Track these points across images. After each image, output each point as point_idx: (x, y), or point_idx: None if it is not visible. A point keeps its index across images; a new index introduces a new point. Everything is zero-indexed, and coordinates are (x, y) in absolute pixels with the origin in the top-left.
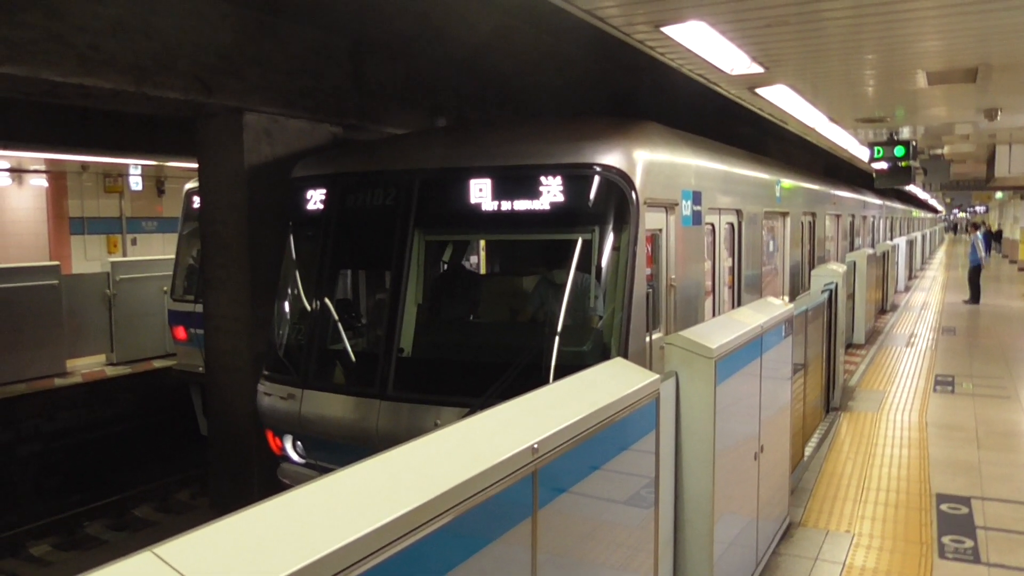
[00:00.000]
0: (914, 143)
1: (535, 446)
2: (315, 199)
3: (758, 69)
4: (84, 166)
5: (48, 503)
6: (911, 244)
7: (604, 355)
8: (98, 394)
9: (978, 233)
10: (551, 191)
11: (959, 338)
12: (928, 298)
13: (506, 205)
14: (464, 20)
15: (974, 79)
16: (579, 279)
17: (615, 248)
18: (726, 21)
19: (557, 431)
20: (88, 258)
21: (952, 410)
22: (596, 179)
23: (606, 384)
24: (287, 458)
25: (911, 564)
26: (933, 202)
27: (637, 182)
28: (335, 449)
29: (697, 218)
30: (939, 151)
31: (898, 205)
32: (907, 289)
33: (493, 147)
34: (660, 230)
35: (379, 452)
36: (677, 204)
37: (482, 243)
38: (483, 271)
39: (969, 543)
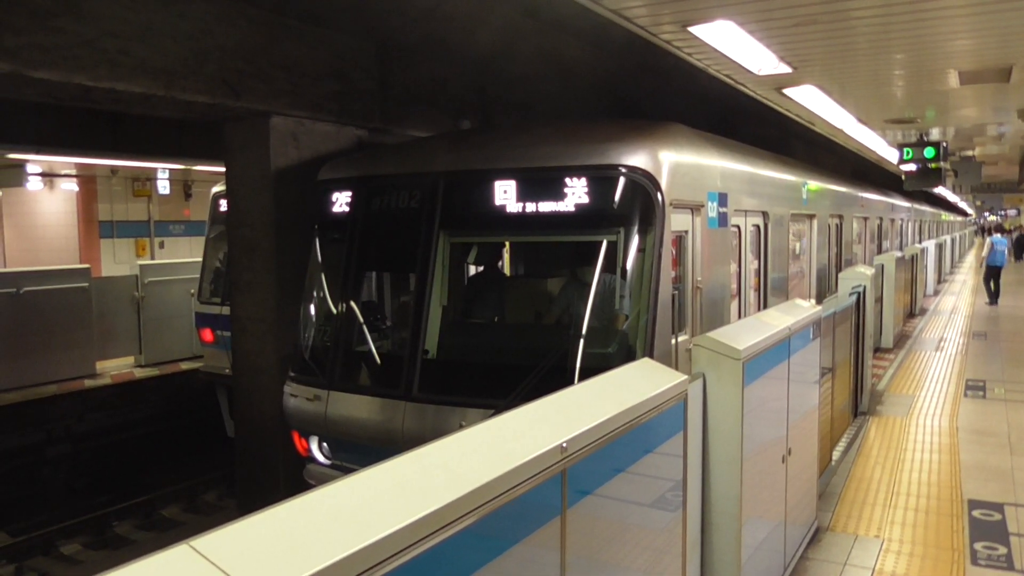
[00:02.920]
0: (944, 144)
1: (564, 445)
2: (341, 202)
3: (786, 69)
4: (113, 170)
5: (78, 503)
6: (940, 247)
7: (629, 357)
8: (127, 396)
9: (997, 235)
10: (576, 193)
11: (990, 343)
12: (958, 302)
13: (531, 207)
14: (489, 24)
15: (1008, 78)
16: (604, 281)
17: (640, 250)
18: (754, 20)
19: (586, 430)
20: (117, 261)
21: (984, 415)
22: (621, 180)
23: (634, 384)
24: (313, 459)
25: (943, 570)
26: (963, 205)
27: (663, 183)
28: (360, 450)
29: (723, 220)
30: (970, 153)
31: (927, 208)
32: (936, 293)
33: (518, 149)
34: (686, 232)
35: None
36: (703, 206)
37: (507, 245)
38: (508, 273)
39: (1003, 550)
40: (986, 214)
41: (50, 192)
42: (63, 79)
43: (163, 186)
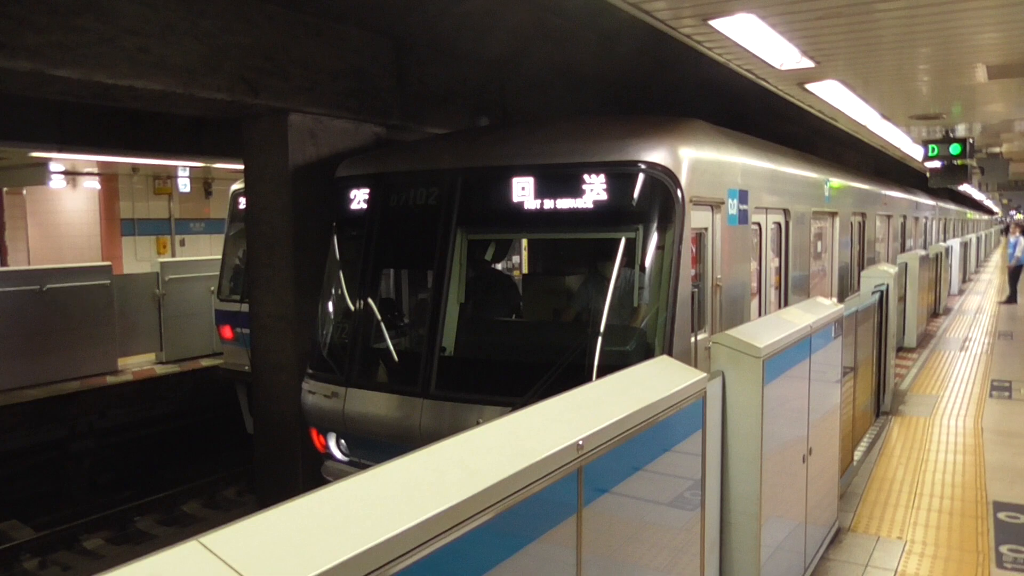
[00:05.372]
0: (971, 141)
1: (580, 442)
2: (359, 198)
3: (808, 64)
4: (135, 168)
5: (101, 498)
6: (965, 246)
7: (648, 355)
8: (148, 392)
9: (1019, 235)
10: (595, 189)
11: (1016, 342)
12: (983, 302)
13: (549, 204)
14: (505, 22)
15: None
16: (623, 278)
17: (660, 247)
18: (776, 14)
19: (603, 428)
20: (138, 259)
21: (1010, 416)
22: (641, 177)
23: (652, 382)
24: (331, 456)
25: (967, 573)
26: (989, 203)
27: (683, 180)
28: (378, 447)
29: (743, 217)
30: (997, 149)
31: (952, 206)
32: (961, 292)
33: (536, 145)
34: (706, 229)
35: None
36: (723, 203)
37: (525, 242)
38: (526, 270)
39: None
40: (1013, 212)
41: (72, 190)
42: (83, 77)
43: (183, 184)
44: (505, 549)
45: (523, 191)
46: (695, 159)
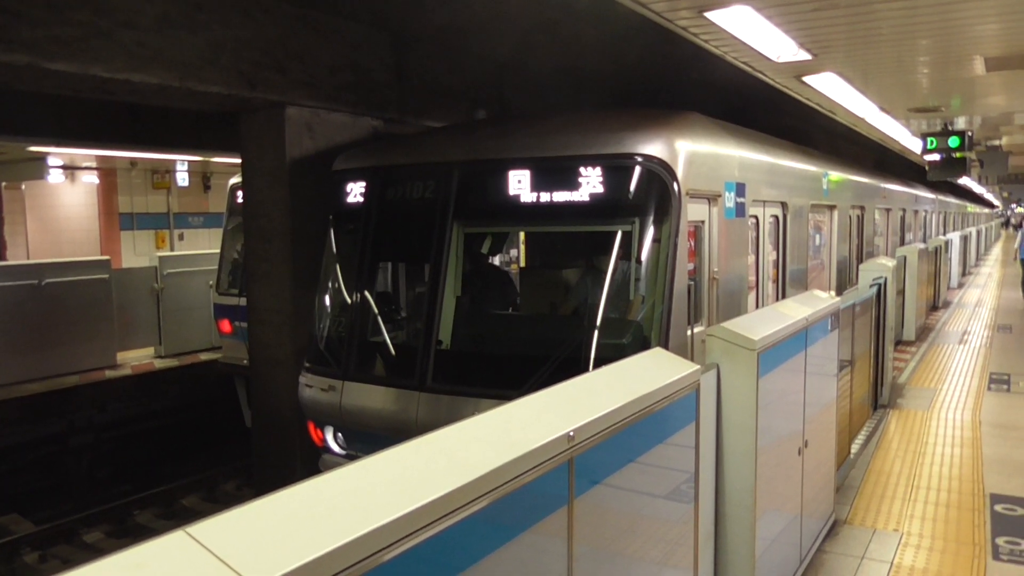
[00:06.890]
0: (970, 134)
1: (571, 434)
2: (355, 192)
3: (805, 56)
4: (133, 163)
5: (100, 492)
6: (965, 239)
7: (645, 348)
8: (147, 386)
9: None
10: (591, 182)
11: (1015, 336)
12: (983, 295)
13: (545, 196)
14: (504, 14)
15: None
16: (619, 271)
17: (656, 240)
18: (772, 5)
19: (594, 419)
20: (137, 253)
21: (1008, 409)
22: (637, 170)
23: (645, 374)
24: (328, 449)
25: (963, 565)
26: (989, 196)
27: (679, 173)
28: (375, 440)
29: (741, 210)
30: (997, 142)
31: (952, 199)
32: (960, 286)
33: (532, 138)
34: (702, 222)
35: None
36: (720, 196)
37: (522, 235)
38: (523, 263)
39: None
40: (1013, 206)
41: (71, 185)
42: (80, 71)
43: (182, 178)
44: (495, 540)
45: (519, 184)
46: (691, 152)
